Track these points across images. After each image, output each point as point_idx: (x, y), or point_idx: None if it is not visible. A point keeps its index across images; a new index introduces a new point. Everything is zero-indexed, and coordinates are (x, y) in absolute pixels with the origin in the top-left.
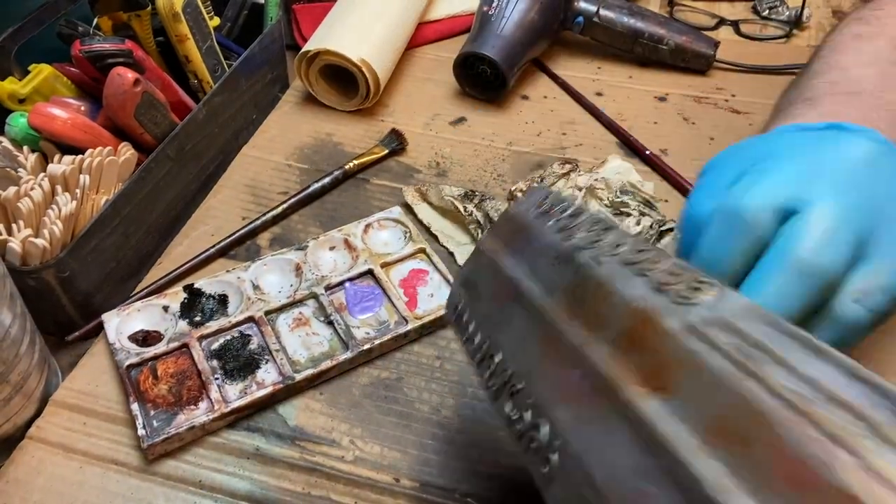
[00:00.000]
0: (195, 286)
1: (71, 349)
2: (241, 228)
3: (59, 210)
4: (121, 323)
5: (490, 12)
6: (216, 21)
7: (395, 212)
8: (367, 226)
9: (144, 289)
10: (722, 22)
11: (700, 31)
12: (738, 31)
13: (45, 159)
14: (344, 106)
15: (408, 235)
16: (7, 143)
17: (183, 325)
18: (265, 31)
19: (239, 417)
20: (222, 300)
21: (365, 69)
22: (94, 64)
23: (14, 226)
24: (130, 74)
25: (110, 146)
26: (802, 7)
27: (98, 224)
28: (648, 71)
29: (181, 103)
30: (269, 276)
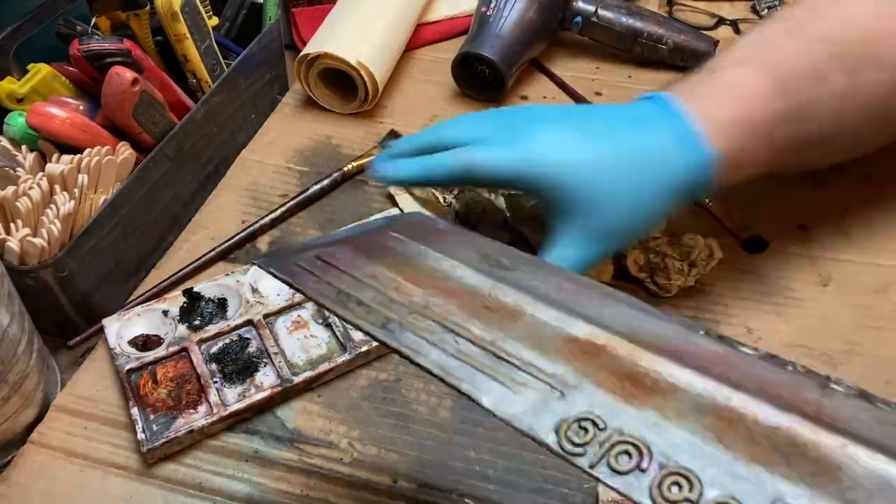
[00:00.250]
0: (194, 290)
1: (70, 349)
2: (241, 232)
3: (58, 209)
4: (121, 327)
5: (488, 12)
6: (215, 20)
7: (393, 214)
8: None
9: (145, 293)
10: (721, 21)
11: (699, 31)
12: (738, 31)
13: (44, 158)
14: (343, 109)
15: None
16: (5, 143)
17: (182, 329)
18: (264, 30)
19: (237, 420)
20: (221, 304)
21: (363, 72)
22: (92, 63)
23: (12, 225)
24: (129, 74)
25: (109, 146)
26: None
27: (96, 224)
28: (647, 71)
29: (180, 103)
30: (267, 280)
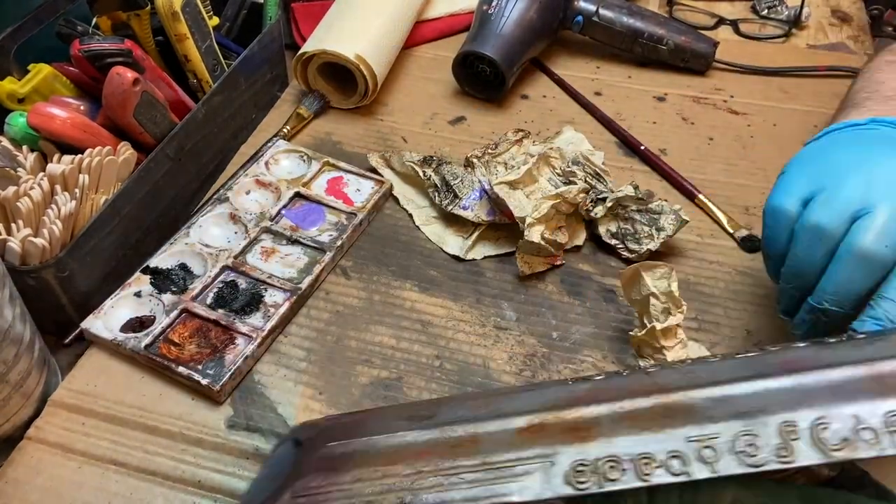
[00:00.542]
0: (151, 266)
1: (70, 349)
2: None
3: (59, 210)
4: (105, 322)
5: (490, 11)
6: (215, 20)
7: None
8: (266, 164)
9: None
10: (721, 21)
11: (699, 31)
12: (738, 31)
13: (45, 159)
14: (343, 104)
15: (306, 158)
16: (6, 143)
17: (168, 296)
18: (264, 30)
19: (274, 339)
20: (184, 267)
21: (362, 66)
22: (93, 63)
23: (13, 225)
24: (130, 74)
25: (109, 146)
26: (801, 6)
27: (97, 224)
28: (647, 71)
29: (180, 103)
30: (212, 232)
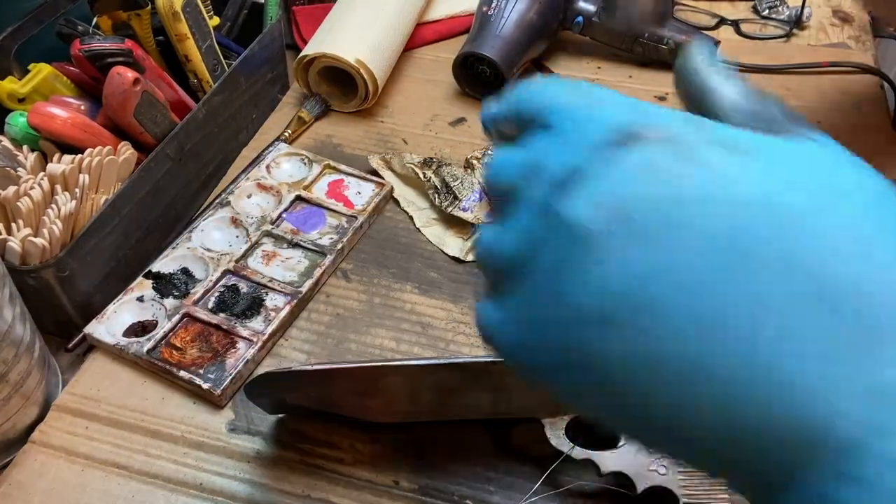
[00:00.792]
0: (153, 271)
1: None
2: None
3: (59, 209)
4: (108, 327)
5: (489, 12)
6: (216, 20)
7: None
8: (267, 167)
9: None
10: (722, 21)
11: (700, 31)
12: (739, 31)
13: (45, 158)
14: (344, 107)
15: (306, 161)
16: (7, 143)
17: (170, 301)
18: (265, 30)
19: (275, 343)
20: (186, 272)
21: (363, 70)
22: (93, 63)
23: (14, 225)
24: (130, 74)
25: (110, 145)
26: (802, 6)
27: (97, 223)
28: (648, 71)
29: (181, 103)
30: (213, 236)
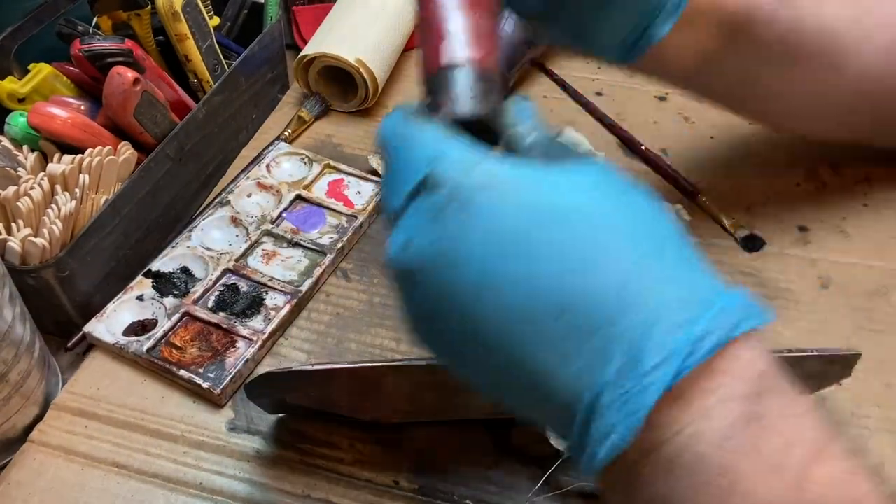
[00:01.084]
0: (153, 270)
1: (68, 351)
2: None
3: (59, 209)
4: (108, 325)
5: None
6: (216, 20)
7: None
8: (267, 166)
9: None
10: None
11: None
12: None
13: (45, 159)
14: (344, 107)
15: (307, 161)
16: (7, 143)
17: (170, 300)
18: (265, 30)
19: (275, 342)
20: (186, 271)
21: (363, 70)
22: (93, 63)
23: (13, 225)
24: (130, 74)
25: (110, 146)
26: None
27: (98, 223)
28: None
29: (181, 103)
30: (213, 235)
